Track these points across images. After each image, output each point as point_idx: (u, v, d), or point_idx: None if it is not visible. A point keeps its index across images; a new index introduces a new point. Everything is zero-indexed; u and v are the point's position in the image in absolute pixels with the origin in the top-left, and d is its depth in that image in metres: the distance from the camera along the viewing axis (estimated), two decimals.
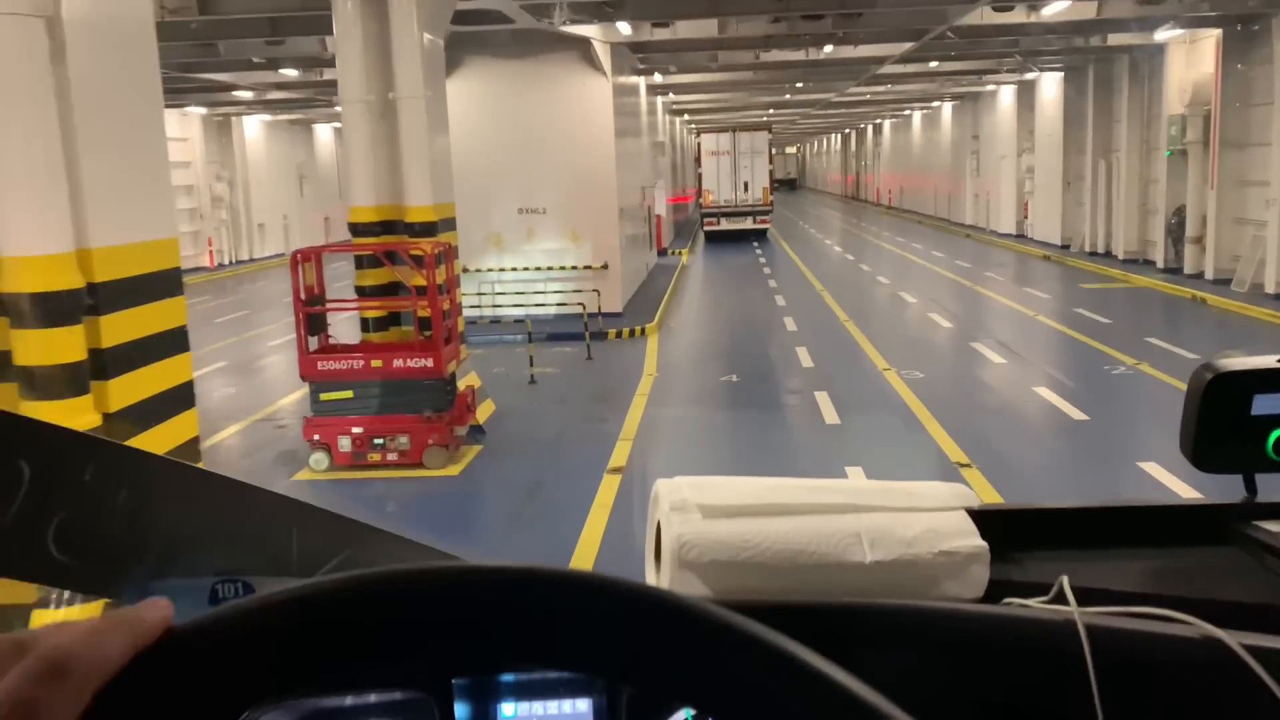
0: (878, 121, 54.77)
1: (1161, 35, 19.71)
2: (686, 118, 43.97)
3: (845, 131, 66.60)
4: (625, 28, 16.45)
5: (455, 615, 0.44)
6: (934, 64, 24.70)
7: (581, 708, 0.92)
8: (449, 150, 11.27)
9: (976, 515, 1.00)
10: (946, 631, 0.87)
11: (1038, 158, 29.45)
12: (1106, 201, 24.62)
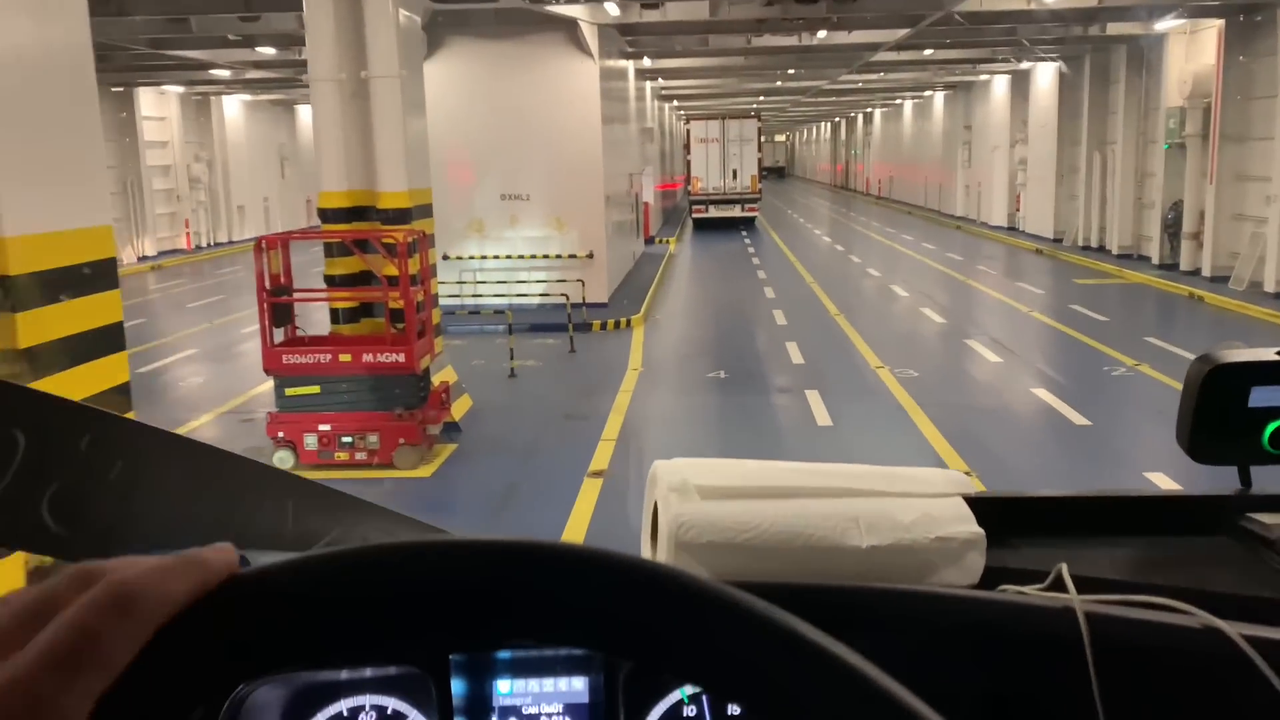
0: (868, 110, 54.40)
1: (1162, 25, 19.26)
2: (676, 104, 43.50)
3: (835, 120, 66.19)
4: (613, 8, 15.90)
5: (465, 587, 0.43)
6: (928, 52, 24.20)
7: (578, 685, 0.92)
8: (425, 133, 10.71)
9: (973, 502, 0.99)
10: (944, 616, 0.86)
11: (1031, 149, 29.00)
12: (1101, 195, 24.22)
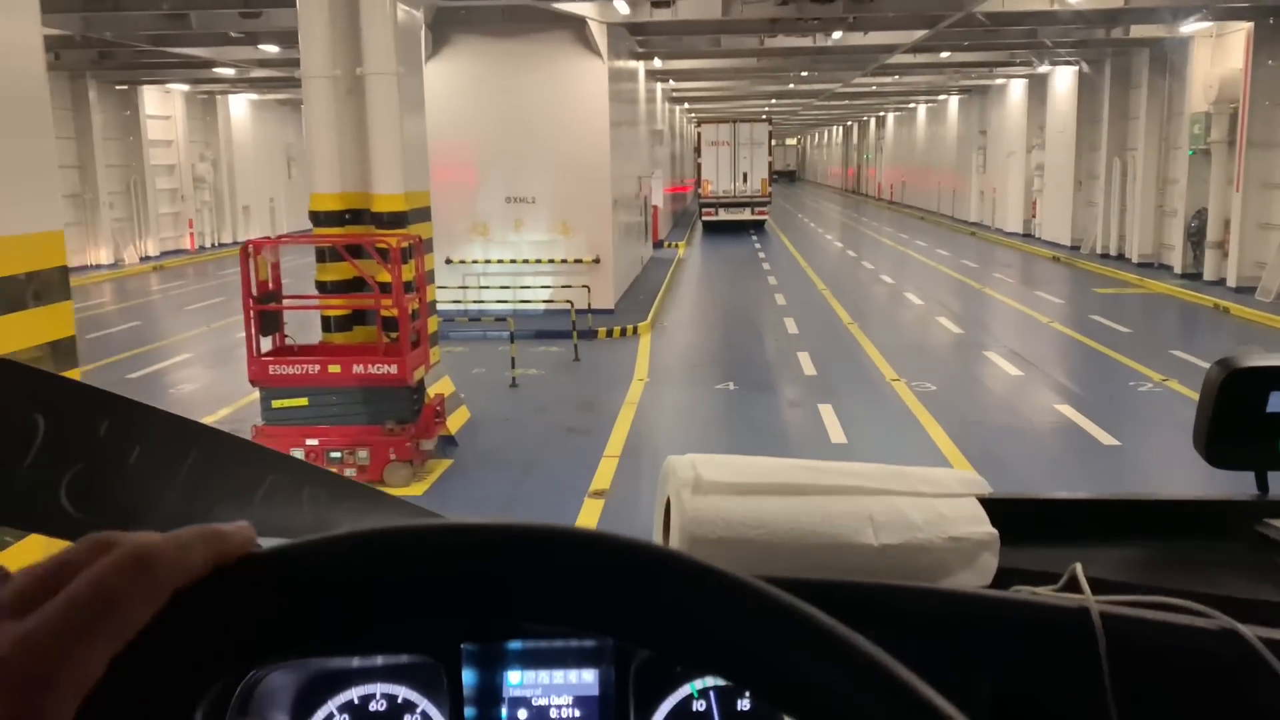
0: (881, 114, 53.86)
1: (1188, 28, 18.72)
2: (686, 106, 43.06)
3: (847, 124, 65.65)
4: (623, 7, 15.45)
5: (478, 570, 0.43)
6: (945, 54, 23.70)
7: (588, 678, 0.92)
8: (424, 134, 10.27)
9: (987, 503, 0.98)
10: (956, 614, 0.84)
11: (1048, 154, 28.44)
12: (1120, 202, 23.66)
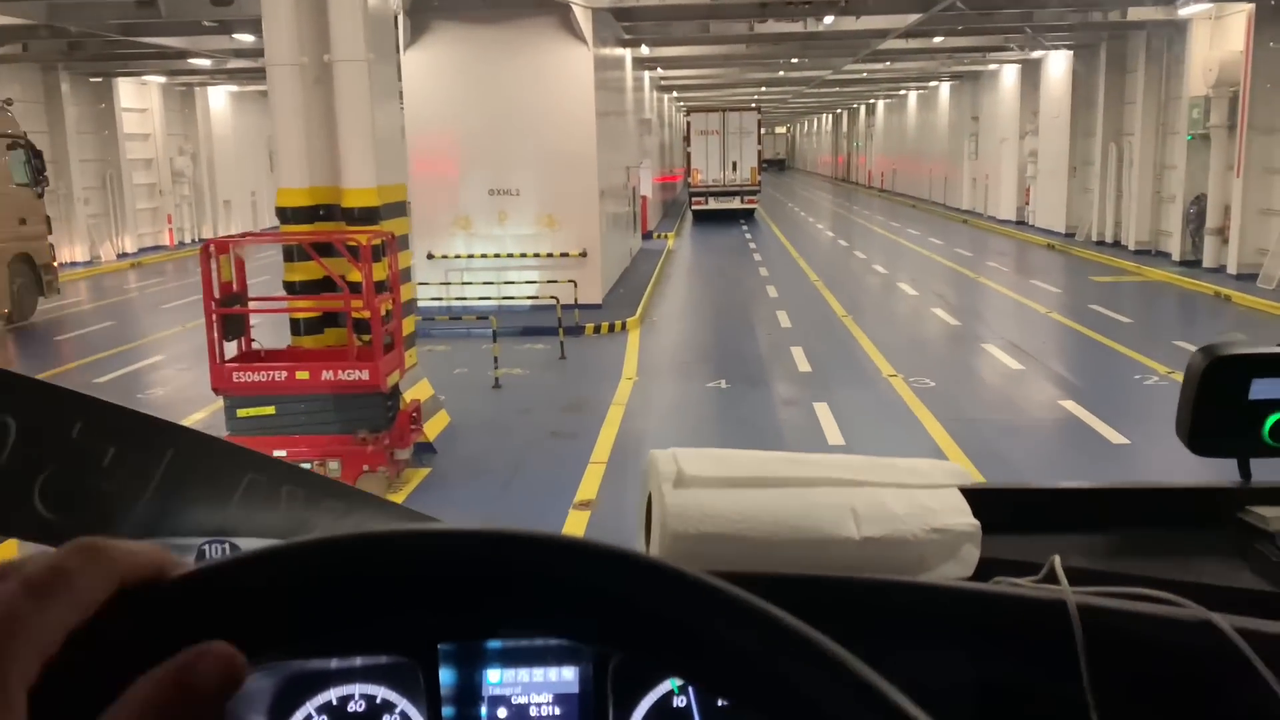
0: (871, 102, 53.40)
1: (1187, 10, 18.29)
2: (675, 95, 42.54)
3: (837, 111, 65.15)
4: None
5: (453, 574, 0.43)
6: (938, 40, 23.23)
7: (567, 675, 0.92)
8: (398, 125, 9.80)
9: (969, 494, 0.98)
10: (935, 608, 0.84)
11: (1042, 140, 28.00)
12: (1116, 188, 23.25)
